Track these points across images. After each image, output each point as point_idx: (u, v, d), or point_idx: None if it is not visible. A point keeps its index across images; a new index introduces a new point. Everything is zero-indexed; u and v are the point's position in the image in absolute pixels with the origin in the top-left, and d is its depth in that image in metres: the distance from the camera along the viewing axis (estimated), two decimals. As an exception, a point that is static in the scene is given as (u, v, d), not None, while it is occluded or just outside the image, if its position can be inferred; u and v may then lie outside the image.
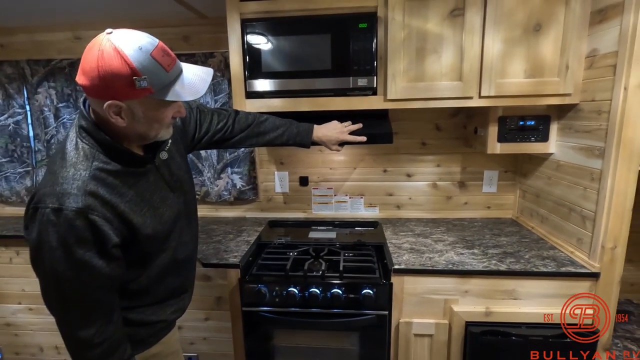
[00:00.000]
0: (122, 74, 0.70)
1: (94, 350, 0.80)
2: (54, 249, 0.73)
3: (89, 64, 0.71)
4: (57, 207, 0.72)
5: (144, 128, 0.80)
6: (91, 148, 0.79)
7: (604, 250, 1.27)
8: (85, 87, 0.73)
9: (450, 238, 1.65)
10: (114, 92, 0.72)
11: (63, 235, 0.72)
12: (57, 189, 0.74)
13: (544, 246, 1.52)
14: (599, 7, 1.28)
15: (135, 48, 0.71)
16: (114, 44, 0.70)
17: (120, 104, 0.74)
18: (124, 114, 0.76)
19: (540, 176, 1.67)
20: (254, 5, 1.43)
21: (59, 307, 0.78)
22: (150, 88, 0.73)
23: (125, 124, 0.77)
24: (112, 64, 0.70)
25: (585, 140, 1.36)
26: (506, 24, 1.35)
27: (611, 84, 1.22)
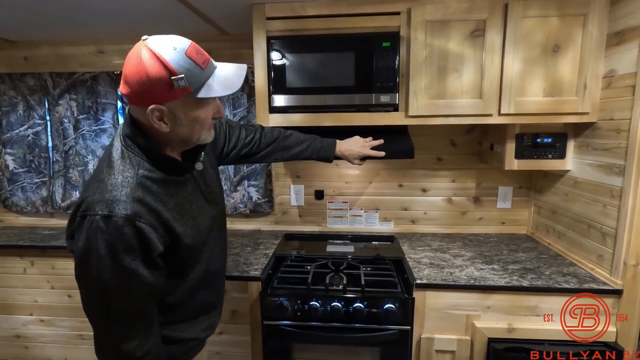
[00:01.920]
0: (161, 76, 0.72)
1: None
2: (101, 257, 0.73)
3: (130, 72, 0.74)
4: (107, 214, 0.73)
5: (187, 131, 0.82)
6: (136, 156, 0.81)
7: (626, 267, 1.27)
8: (128, 95, 0.76)
9: (468, 253, 1.65)
10: (155, 96, 0.75)
11: (111, 242, 0.73)
12: (106, 196, 0.75)
13: (563, 262, 1.53)
14: (616, 29, 1.32)
15: (170, 49, 0.73)
16: (150, 48, 0.73)
17: (162, 107, 0.76)
18: (167, 118, 0.78)
19: (556, 192, 1.69)
20: (279, 24, 1.47)
21: (102, 318, 0.78)
22: (188, 87, 0.74)
23: (168, 129, 0.79)
24: (150, 67, 0.72)
25: (604, 158, 1.38)
26: (525, 45, 1.39)
27: (630, 103, 1.25)
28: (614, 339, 1.31)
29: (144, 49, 0.73)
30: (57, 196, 2.11)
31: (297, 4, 1.46)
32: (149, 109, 0.75)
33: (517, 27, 1.38)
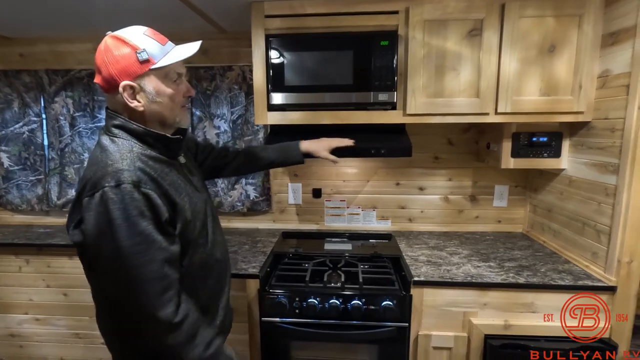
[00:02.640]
0: (125, 53, 0.81)
1: (175, 333, 0.82)
2: (119, 225, 0.76)
3: (99, 60, 0.83)
4: (115, 184, 0.78)
5: (161, 108, 0.88)
6: (126, 140, 0.86)
7: (620, 264, 1.29)
8: (101, 83, 0.84)
9: (465, 251, 1.67)
10: (123, 73, 0.82)
11: (125, 209, 0.77)
12: (109, 170, 0.79)
13: (558, 260, 1.55)
14: (611, 30, 1.34)
15: (130, 31, 0.84)
16: (113, 35, 0.84)
17: (133, 83, 0.83)
18: (139, 95, 0.84)
19: (551, 191, 1.71)
20: (278, 22, 1.48)
21: (131, 288, 0.79)
22: (150, 59, 0.83)
23: (142, 107, 0.85)
24: (115, 47, 0.82)
25: (599, 156, 1.40)
26: (522, 45, 1.41)
27: (624, 103, 1.27)
28: (609, 335, 1.32)
29: (108, 38, 0.84)
30: (52, 194, 2.09)
31: (296, 2, 1.46)
32: (121, 87, 0.82)
33: (514, 27, 1.40)
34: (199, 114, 2.00)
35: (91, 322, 1.95)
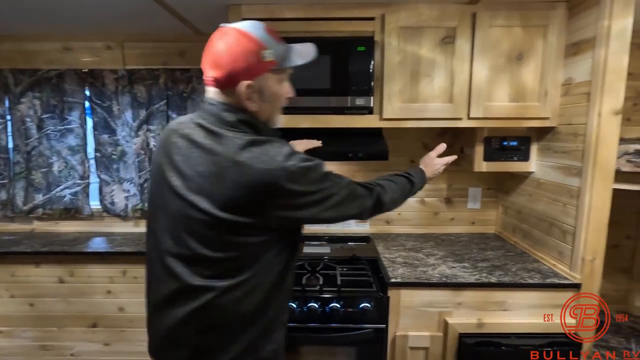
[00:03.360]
0: (251, 50, 0.79)
1: (395, 194, 1.06)
2: (326, 174, 0.86)
3: (219, 54, 0.79)
4: (300, 157, 0.82)
5: (270, 109, 0.88)
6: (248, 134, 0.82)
7: (584, 262, 1.36)
8: (219, 78, 0.80)
9: (441, 252, 1.71)
10: (247, 72, 0.80)
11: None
12: (285, 150, 0.81)
13: (528, 259, 1.61)
14: (573, 40, 1.42)
15: (252, 27, 0.81)
16: (234, 27, 0.80)
17: (253, 83, 0.81)
18: (256, 94, 0.83)
19: (521, 193, 1.79)
20: (256, 25, 1.47)
21: (359, 200, 0.93)
22: (273, 60, 0.82)
23: (256, 107, 0.84)
24: (243, 44, 0.79)
25: (564, 160, 1.47)
26: (492, 53, 1.47)
27: (586, 109, 1.34)
28: (574, 330, 1.39)
29: (231, 31, 0.80)
30: (18, 199, 1.99)
31: (274, 6, 1.47)
32: (243, 85, 0.80)
33: (485, 36, 1.45)
34: (175, 116, 1.96)
35: (60, 332, 1.87)
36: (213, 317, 0.82)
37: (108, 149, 1.99)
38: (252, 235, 0.81)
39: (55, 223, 2.08)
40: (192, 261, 0.81)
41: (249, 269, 0.82)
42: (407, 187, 1.14)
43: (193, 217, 0.79)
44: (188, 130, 0.84)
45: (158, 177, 0.87)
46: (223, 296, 0.80)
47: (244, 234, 0.80)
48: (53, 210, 2.02)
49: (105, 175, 2.01)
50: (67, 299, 1.84)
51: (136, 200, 2.02)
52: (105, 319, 1.87)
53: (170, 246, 0.83)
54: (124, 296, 1.84)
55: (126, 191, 2.02)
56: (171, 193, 0.82)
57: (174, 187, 0.82)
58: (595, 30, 1.29)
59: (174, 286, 0.82)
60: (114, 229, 2.08)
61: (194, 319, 0.82)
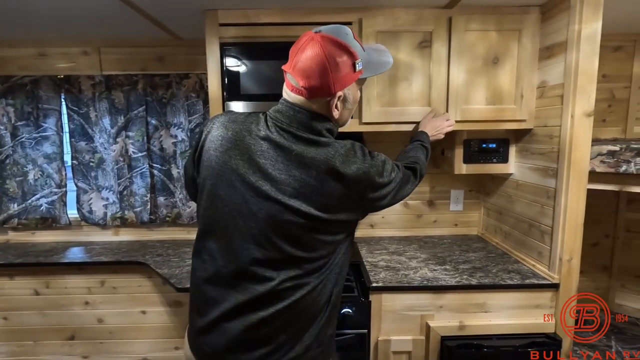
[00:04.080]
0: (347, 61, 0.81)
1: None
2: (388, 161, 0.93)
3: (313, 64, 0.79)
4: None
5: (348, 114, 0.92)
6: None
7: (561, 262, 1.38)
8: (312, 88, 0.81)
9: (423, 255, 1.71)
10: (342, 83, 0.82)
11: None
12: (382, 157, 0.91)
13: (508, 260, 1.62)
14: (546, 44, 1.44)
15: (344, 34, 0.82)
16: (330, 37, 0.80)
17: (341, 94, 0.83)
18: (341, 102, 0.85)
19: (502, 195, 1.80)
20: (233, 30, 1.46)
21: (411, 185, 1.05)
22: (362, 69, 0.85)
23: (339, 114, 0.86)
24: (336, 54, 0.80)
25: (540, 161, 1.49)
26: (469, 56, 1.48)
27: (560, 111, 1.37)
28: (554, 330, 1.40)
29: (325, 41, 0.79)
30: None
31: (251, 11, 1.46)
32: (337, 95, 0.82)
33: (461, 40, 1.47)
34: (154, 122, 1.93)
35: (36, 346, 1.82)
36: (298, 313, 0.85)
37: (86, 156, 1.95)
38: (341, 233, 0.87)
39: (31, 233, 2.02)
40: (283, 263, 0.83)
41: (329, 264, 0.87)
42: (427, 155, 1.27)
43: (290, 220, 0.80)
44: (269, 133, 0.82)
45: (231, 180, 0.83)
46: (310, 293, 0.85)
47: (335, 232, 0.85)
48: (29, 220, 1.96)
49: (82, 183, 1.97)
50: (43, 312, 1.79)
51: (115, 209, 1.98)
52: (84, 331, 1.82)
53: (255, 252, 0.82)
54: (102, 307, 1.79)
55: (105, 199, 1.98)
56: (260, 197, 0.81)
57: (263, 191, 0.81)
58: (567, 34, 1.32)
59: (259, 291, 0.83)
60: (93, 238, 2.03)
61: (279, 317, 0.84)
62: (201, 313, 0.89)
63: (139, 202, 1.97)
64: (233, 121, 0.87)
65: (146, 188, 1.96)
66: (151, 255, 1.76)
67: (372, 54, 0.91)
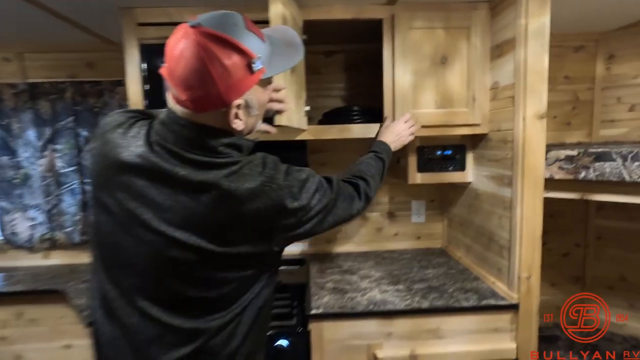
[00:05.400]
0: (238, 62, 0.64)
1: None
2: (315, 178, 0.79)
3: (191, 72, 0.62)
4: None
5: (256, 120, 0.77)
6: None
7: (520, 280, 1.24)
8: (198, 100, 0.65)
9: (378, 273, 1.56)
10: (235, 90, 0.66)
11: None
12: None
13: (468, 277, 1.48)
14: (496, 42, 1.33)
15: (231, 28, 0.64)
16: (214, 32, 0.62)
17: (241, 101, 0.68)
18: (243, 110, 0.69)
19: (462, 205, 1.68)
20: (153, 31, 1.32)
21: (349, 206, 0.88)
22: (262, 67, 0.68)
23: (243, 124, 0.70)
24: (221, 55, 0.62)
25: (496, 169, 1.37)
26: (414, 57, 1.36)
27: (512, 114, 1.25)
28: (515, 356, 1.26)
29: (203, 37, 0.62)
30: None
31: (173, 10, 1.32)
32: (231, 106, 0.67)
33: (405, 39, 1.35)
34: (86, 134, 1.76)
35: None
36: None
37: (8, 172, 1.76)
38: (250, 268, 0.73)
39: (-52, 260, 1.81)
40: (177, 304, 0.70)
41: (238, 303, 0.73)
42: (381, 169, 1.11)
43: (177, 256, 0.67)
44: (149, 154, 0.68)
45: (114, 208, 0.69)
46: (215, 337, 0.72)
47: (241, 268, 0.71)
48: (-57, 245, 1.76)
49: (5, 202, 1.78)
50: (-49, 350, 1.58)
51: (44, 229, 1.79)
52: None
53: (142, 288, 0.70)
54: (21, 342, 1.59)
55: (31, 219, 1.79)
56: (142, 229, 0.68)
57: (145, 221, 0.67)
58: (515, 30, 1.21)
59: (154, 332, 0.70)
60: (18, 262, 1.83)
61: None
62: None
63: (70, 221, 1.78)
64: (115, 141, 0.71)
65: (77, 206, 1.78)
66: (76, 282, 1.57)
67: (277, 45, 0.74)
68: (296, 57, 0.78)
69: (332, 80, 1.79)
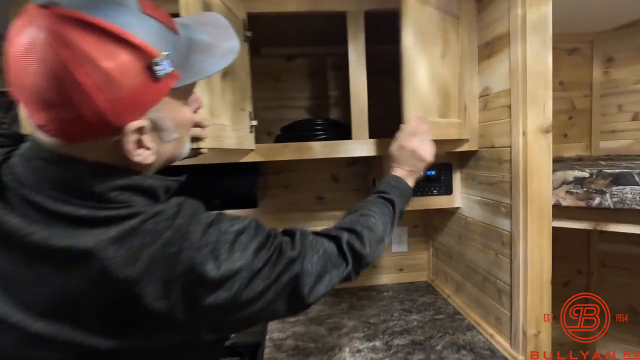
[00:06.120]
0: (127, 63, 0.40)
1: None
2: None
3: (48, 81, 0.38)
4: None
5: (176, 145, 0.53)
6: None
7: (526, 337, 0.98)
8: (65, 126, 0.41)
9: (351, 322, 1.28)
10: (130, 104, 0.42)
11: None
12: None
13: (460, 326, 1.21)
14: (486, 39, 1.09)
15: (112, 9, 0.40)
16: (78, 16, 0.37)
17: (142, 123, 0.44)
18: (150, 138, 0.47)
19: (450, 233, 1.42)
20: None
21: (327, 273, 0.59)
22: (174, 71, 0.45)
23: (150, 155, 0.47)
24: (99, 53, 0.39)
25: (490, 194, 1.12)
26: (387, 57, 1.11)
27: (508, 127, 1.00)
28: None
29: (65, 24, 0.37)
30: None
31: None
32: (125, 132, 0.43)
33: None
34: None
35: None
36: None
37: None
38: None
39: None
40: None
41: None
42: (390, 217, 0.80)
43: (40, 358, 0.43)
44: (4, 213, 0.44)
45: None
46: None
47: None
48: None
49: None
50: None
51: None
52: None
53: None
54: None
55: None
56: None
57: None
58: (509, 23, 0.97)
59: None
60: None
61: None
62: None
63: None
64: None
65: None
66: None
67: (199, 38, 0.50)
68: (228, 56, 0.52)
69: (294, 89, 1.52)
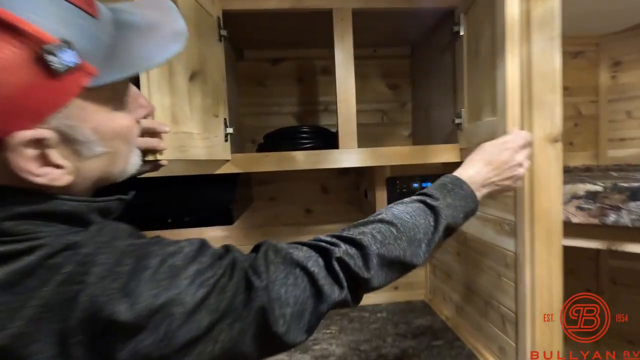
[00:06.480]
0: (8, 56, 0.31)
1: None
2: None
3: None
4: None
5: (105, 162, 0.42)
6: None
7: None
8: None
9: (339, 349, 1.16)
10: (12, 109, 0.32)
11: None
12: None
13: (460, 354, 1.10)
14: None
15: None
16: None
17: (42, 134, 0.35)
18: (59, 154, 0.37)
19: (448, 249, 1.31)
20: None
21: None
22: (86, 63, 0.34)
23: (71, 176, 0.38)
24: None
25: (491, 209, 1.01)
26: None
27: (511, 136, 0.89)
28: None
29: None
30: None
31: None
32: (17, 143, 0.33)
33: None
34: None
35: None
36: None
37: None
38: None
39: None
40: None
41: None
42: (429, 230, 0.56)
43: None
44: None
45: None
46: None
47: None
48: None
49: None
50: None
51: None
52: None
53: None
54: None
55: None
56: None
57: None
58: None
59: None
60: None
61: None
62: None
63: None
64: None
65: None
66: None
67: (129, 19, 0.40)
68: (175, 40, 0.41)
69: (280, 94, 1.42)
